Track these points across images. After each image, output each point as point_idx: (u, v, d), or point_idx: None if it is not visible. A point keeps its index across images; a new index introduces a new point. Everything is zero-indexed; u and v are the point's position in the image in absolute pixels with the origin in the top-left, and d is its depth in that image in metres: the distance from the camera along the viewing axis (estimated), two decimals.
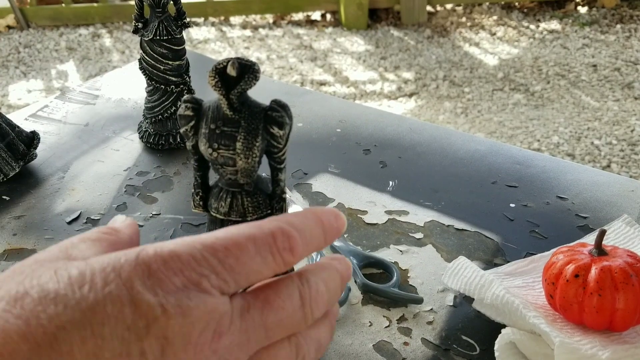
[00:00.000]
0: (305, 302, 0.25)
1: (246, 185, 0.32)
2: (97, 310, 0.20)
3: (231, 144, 0.30)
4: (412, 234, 0.56)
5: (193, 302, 0.22)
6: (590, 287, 0.40)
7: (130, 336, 0.21)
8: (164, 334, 0.21)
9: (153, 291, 0.21)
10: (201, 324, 0.22)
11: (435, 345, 0.45)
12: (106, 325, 0.20)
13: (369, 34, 2.97)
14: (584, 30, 2.93)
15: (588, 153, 2.01)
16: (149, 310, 0.21)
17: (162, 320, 0.21)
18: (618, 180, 0.64)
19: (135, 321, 0.21)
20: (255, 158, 0.31)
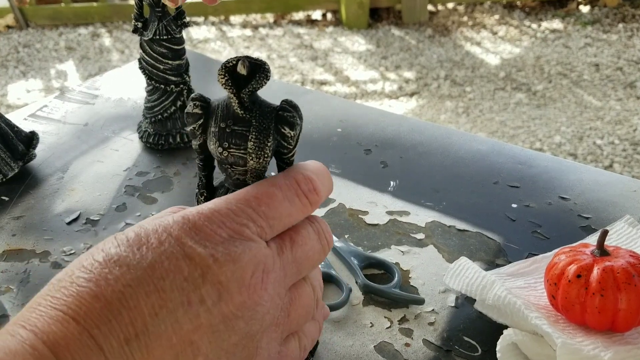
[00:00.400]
0: (320, 235, 0.30)
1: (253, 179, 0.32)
2: (156, 267, 0.23)
3: (242, 143, 0.30)
4: (414, 234, 0.56)
5: (239, 249, 0.25)
6: (593, 287, 0.40)
7: (189, 286, 0.23)
8: (218, 280, 0.24)
9: (202, 244, 0.24)
10: (251, 267, 0.25)
11: (436, 346, 0.44)
12: (166, 279, 0.23)
13: (370, 33, 2.97)
14: (586, 29, 2.93)
15: (590, 153, 2.01)
16: (201, 261, 0.24)
17: (214, 268, 0.24)
18: (621, 180, 0.63)
19: (191, 272, 0.23)
20: (267, 158, 0.31)
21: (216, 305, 0.24)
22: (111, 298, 0.22)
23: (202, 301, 0.23)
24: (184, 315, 0.23)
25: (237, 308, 0.24)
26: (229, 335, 0.24)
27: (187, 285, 0.23)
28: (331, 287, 0.50)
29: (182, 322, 0.23)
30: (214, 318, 0.24)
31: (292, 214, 0.28)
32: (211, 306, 0.23)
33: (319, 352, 0.44)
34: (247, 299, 0.24)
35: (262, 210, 0.26)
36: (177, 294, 0.23)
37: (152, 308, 0.23)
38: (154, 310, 0.22)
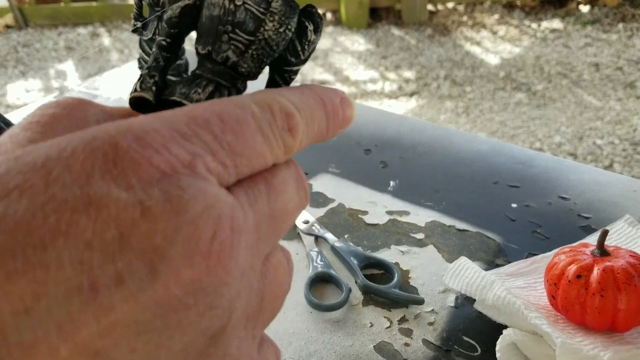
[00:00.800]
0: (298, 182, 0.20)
1: (242, 77, 0.23)
2: (32, 228, 0.13)
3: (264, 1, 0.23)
4: (413, 234, 0.56)
5: (188, 192, 0.15)
6: (593, 287, 0.40)
7: (94, 257, 0.13)
8: (151, 245, 0.14)
9: (124, 182, 0.14)
10: (210, 223, 0.15)
11: (436, 346, 0.44)
12: (49, 249, 0.13)
13: (370, 33, 2.97)
14: (585, 29, 2.93)
15: (590, 153, 2.01)
16: (119, 212, 0.14)
17: (143, 226, 0.14)
18: (620, 180, 0.63)
19: (100, 233, 0.14)
20: (288, 32, 0.23)
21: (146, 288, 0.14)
22: None
23: (119, 281, 0.13)
24: (83, 308, 0.13)
25: (186, 290, 0.14)
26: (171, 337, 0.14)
27: (90, 256, 0.13)
28: (331, 287, 0.50)
29: (79, 321, 0.13)
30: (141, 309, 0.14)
31: (265, 154, 0.18)
32: (136, 289, 0.13)
33: (319, 352, 0.44)
34: (204, 275, 0.14)
35: (227, 141, 0.16)
36: (72, 272, 0.13)
37: (18, 301, 0.13)
38: (23, 305, 0.13)
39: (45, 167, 0.14)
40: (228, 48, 0.22)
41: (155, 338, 0.14)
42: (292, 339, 0.45)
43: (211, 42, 0.22)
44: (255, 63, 0.23)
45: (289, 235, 0.56)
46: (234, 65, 0.22)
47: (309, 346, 0.44)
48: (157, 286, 0.14)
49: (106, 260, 0.14)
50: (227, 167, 0.16)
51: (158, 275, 0.14)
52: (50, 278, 0.13)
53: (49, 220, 0.14)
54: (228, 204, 0.16)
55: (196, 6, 0.23)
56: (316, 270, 0.50)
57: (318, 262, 0.51)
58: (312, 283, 0.49)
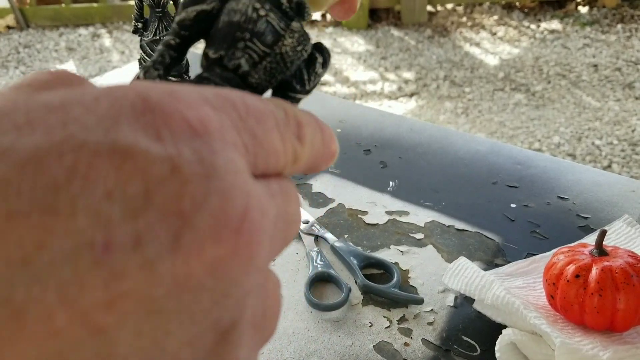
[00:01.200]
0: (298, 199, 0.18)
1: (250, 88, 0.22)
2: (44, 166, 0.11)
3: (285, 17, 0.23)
4: (413, 234, 0.56)
5: (221, 157, 0.13)
6: (591, 287, 0.40)
7: (113, 211, 0.11)
8: (178, 209, 0.12)
9: (154, 133, 0.12)
10: (242, 198, 0.13)
11: (435, 346, 0.45)
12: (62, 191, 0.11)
13: (370, 34, 2.97)
14: (584, 30, 2.93)
15: (589, 153, 2.01)
16: (147, 164, 0.12)
17: (171, 184, 0.12)
18: (619, 180, 0.64)
19: (123, 184, 0.11)
20: (305, 52, 0.23)
21: (165, 258, 0.12)
22: None
23: (137, 244, 0.11)
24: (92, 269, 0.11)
25: (207, 269, 0.12)
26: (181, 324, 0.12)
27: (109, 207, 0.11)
28: (331, 286, 0.50)
29: (85, 283, 0.11)
30: (156, 282, 0.12)
31: (279, 153, 0.16)
32: (155, 257, 0.11)
33: (319, 352, 0.44)
34: (230, 256, 0.12)
35: (250, 125, 0.15)
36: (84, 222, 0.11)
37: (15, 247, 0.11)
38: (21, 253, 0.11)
39: (63, 107, 0.12)
40: (242, 56, 0.22)
41: (164, 322, 0.12)
42: (291, 339, 0.45)
43: (225, 47, 0.22)
44: (266, 76, 0.22)
45: None
46: (245, 74, 0.22)
47: (309, 346, 0.44)
48: (177, 258, 0.12)
49: (126, 216, 0.11)
50: (248, 152, 0.15)
51: (180, 246, 0.12)
52: (58, 226, 0.11)
53: (65, 159, 0.11)
54: (255, 186, 0.14)
55: (212, 14, 0.22)
56: (316, 270, 0.51)
57: (318, 262, 0.52)
58: (312, 283, 0.50)
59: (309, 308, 0.48)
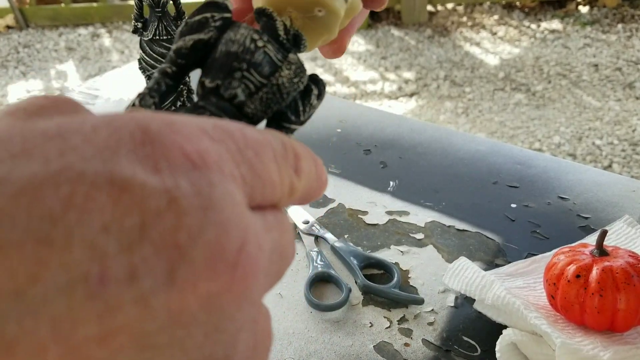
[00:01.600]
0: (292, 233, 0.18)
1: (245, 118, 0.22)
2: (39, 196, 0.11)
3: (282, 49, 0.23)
4: (413, 234, 0.56)
5: (218, 190, 0.13)
6: (592, 287, 0.40)
7: (109, 244, 0.11)
8: (174, 242, 0.12)
9: (152, 165, 0.12)
10: (238, 231, 0.13)
11: (436, 346, 0.44)
12: (58, 223, 0.11)
13: (370, 34, 2.97)
14: (585, 29, 2.93)
15: (589, 153, 2.01)
16: (144, 197, 0.12)
17: (168, 217, 0.12)
18: (619, 180, 0.63)
19: (120, 217, 0.11)
20: (300, 84, 0.24)
21: (160, 292, 0.11)
22: None
23: (132, 278, 0.11)
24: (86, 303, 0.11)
25: (202, 304, 0.12)
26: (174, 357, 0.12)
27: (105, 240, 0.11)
28: (331, 286, 0.50)
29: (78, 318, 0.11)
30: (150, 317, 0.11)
31: (276, 185, 0.16)
32: (149, 292, 0.11)
33: (319, 352, 0.44)
34: (225, 290, 0.12)
35: (248, 157, 0.15)
36: (79, 254, 0.11)
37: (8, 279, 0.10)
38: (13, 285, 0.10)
39: (61, 136, 0.12)
40: (238, 85, 0.22)
41: (157, 357, 0.12)
42: (292, 339, 0.45)
43: (222, 76, 0.22)
44: (262, 107, 0.22)
45: None
46: (241, 104, 0.22)
47: (309, 346, 0.44)
48: (172, 292, 0.12)
49: (122, 249, 0.11)
50: (245, 183, 0.14)
51: (175, 280, 0.12)
52: (53, 258, 0.11)
53: (62, 189, 0.11)
54: (252, 219, 0.14)
55: (209, 43, 0.22)
56: (316, 270, 0.51)
57: (318, 262, 0.52)
58: (312, 283, 0.50)
59: (309, 308, 0.48)
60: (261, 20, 0.24)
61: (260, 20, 0.24)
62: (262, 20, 0.24)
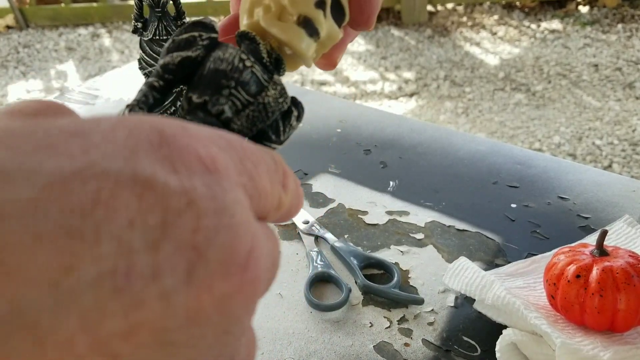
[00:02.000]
0: None
1: None
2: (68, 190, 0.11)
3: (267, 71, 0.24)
4: (413, 234, 0.56)
5: (229, 196, 0.13)
6: (592, 287, 0.40)
7: (135, 240, 0.11)
8: (192, 242, 0.12)
9: (170, 166, 0.13)
10: (248, 236, 0.13)
11: (436, 346, 0.44)
12: (88, 217, 0.11)
13: (370, 34, 2.97)
14: (585, 29, 2.93)
15: (589, 153, 2.01)
16: (165, 196, 0.12)
17: (187, 218, 0.12)
18: (619, 180, 0.63)
19: (144, 214, 0.12)
20: (285, 104, 0.24)
21: (180, 290, 0.12)
22: None
23: (156, 275, 0.11)
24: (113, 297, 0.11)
25: (215, 304, 0.12)
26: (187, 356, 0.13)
27: (130, 236, 0.11)
28: (331, 287, 0.50)
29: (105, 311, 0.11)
30: (171, 314, 0.12)
31: (268, 198, 0.16)
32: (171, 289, 0.12)
33: (319, 352, 0.44)
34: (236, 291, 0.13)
35: (248, 167, 0.15)
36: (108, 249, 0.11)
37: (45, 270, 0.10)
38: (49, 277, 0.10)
39: (82, 134, 0.12)
40: (226, 102, 0.22)
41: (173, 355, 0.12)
42: (292, 339, 0.45)
43: (210, 93, 0.22)
44: (247, 124, 0.23)
45: (289, 235, 0.56)
46: (227, 120, 0.22)
47: (309, 346, 0.44)
48: (190, 291, 0.12)
49: (147, 246, 0.11)
50: (246, 192, 0.15)
51: (193, 279, 0.12)
52: (84, 252, 0.11)
53: (89, 185, 0.11)
54: (256, 225, 0.14)
55: (196, 61, 0.23)
56: (316, 270, 0.51)
57: (318, 262, 0.52)
58: (312, 283, 0.50)
59: (309, 308, 0.48)
60: (243, 42, 0.25)
61: (243, 42, 0.25)
62: (244, 42, 0.25)
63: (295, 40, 0.25)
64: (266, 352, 0.44)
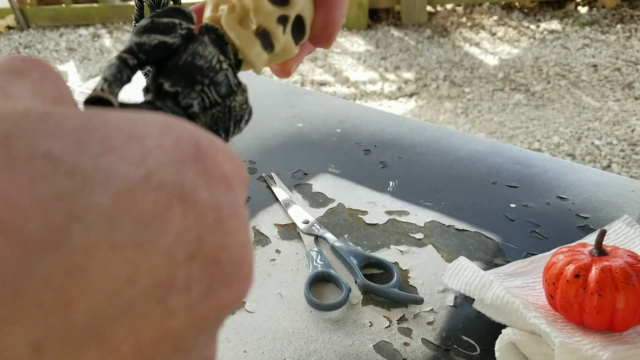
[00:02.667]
0: None
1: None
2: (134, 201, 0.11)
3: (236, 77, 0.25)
4: (413, 234, 0.56)
5: (244, 214, 0.14)
6: (591, 287, 0.40)
7: (179, 253, 0.12)
8: (217, 258, 0.13)
9: (206, 182, 0.13)
10: (252, 252, 0.14)
11: (435, 346, 0.45)
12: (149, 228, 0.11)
13: (369, 34, 2.97)
14: (584, 30, 2.93)
15: (588, 153, 2.01)
16: (203, 213, 0.13)
17: (216, 234, 0.13)
18: (618, 180, 0.64)
19: (187, 229, 0.12)
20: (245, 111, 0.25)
21: (201, 302, 0.13)
22: None
23: (188, 287, 0.12)
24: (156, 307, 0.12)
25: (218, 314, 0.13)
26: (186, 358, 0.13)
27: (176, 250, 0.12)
28: (330, 286, 0.50)
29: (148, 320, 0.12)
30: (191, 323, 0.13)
31: None
32: (195, 301, 0.12)
33: (319, 351, 0.44)
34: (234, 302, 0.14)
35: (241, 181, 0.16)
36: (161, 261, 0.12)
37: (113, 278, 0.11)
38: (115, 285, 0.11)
39: (137, 138, 0.12)
40: (196, 98, 0.23)
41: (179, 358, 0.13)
42: (291, 339, 0.45)
43: (183, 85, 0.23)
44: (210, 123, 0.24)
45: (289, 234, 0.56)
46: (194, 115, 0.23)
47: (309, 345, 0.45)
48: (208, 302, 0.13)
49: (186, 260, 0.12)
50: None
51: (212, 292, 0.13)
52: (144, 262, 0.11)
53: (149, 196, 0.12)
54: None
55: (172, 49, 0.23)
56: (316, 269, 0.51)
57: (318, 261, 0.52)
58: (312, 282, 0.50)
59: (309, 308, 0.48)
60: (209, 36, 0.25)
61: (209, 36, 0.25)
62: (210, 37, 0.25)
63: (248, 49, 0.26)
64: (266, 352, 0.44)
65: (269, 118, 0.77)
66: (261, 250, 0.54)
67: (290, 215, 0.58)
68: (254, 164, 0.67)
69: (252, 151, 0.70)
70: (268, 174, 0.65)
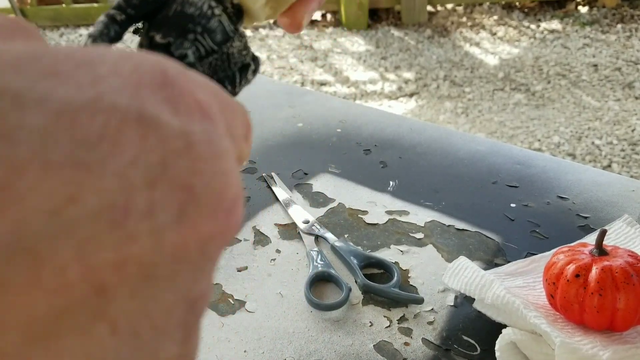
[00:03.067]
0: None
1: None
2: (77, 123, 0.11)
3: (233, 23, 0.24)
4: (413, 234, 0.56)
5: (223, 143, 0.14)
6: (591, 287, 0.40)
7: (136, 177, 0.12)
8: (187, 184, 0.12)
9: (172, 107, 0.13)
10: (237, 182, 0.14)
11: (436, 346, 0.45)
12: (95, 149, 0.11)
13: (370, 34, 2.98)
14: (584, 30, 2.93)
15: (589, 153, 2.01)
16: (167, 137, 0.12)
17: (185, 160, 0.12)
18: (619, 180, 0.64)
19: (146, 153, 0.12)
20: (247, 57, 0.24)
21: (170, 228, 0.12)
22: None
23: (150, 212, 0.12)
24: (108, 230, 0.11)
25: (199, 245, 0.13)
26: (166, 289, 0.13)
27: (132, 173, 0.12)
28: (331, 286, 0.50)
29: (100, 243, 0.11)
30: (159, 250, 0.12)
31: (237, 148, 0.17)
32: (162, 227, 0.12)
33: (319, 351, 0.44)
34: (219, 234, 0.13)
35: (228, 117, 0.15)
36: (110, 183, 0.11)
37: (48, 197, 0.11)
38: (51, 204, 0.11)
39: (89, 64, 0.12)
40: (190, 47, 0.22)
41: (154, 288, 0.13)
42: (292, 338, 0.45)
43: (175, 35, 0.22)
44: (209, 72, 0.23)
45: (289, 234, 0.56)
46: (190, 65, 0.22)
47: (309, 345, 0.45)
48: (180, 230, 0.12)
49: (145, 184, 0.12)
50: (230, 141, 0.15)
51: (184, 219, 0.12)
52: (88, 183, 0.11)
53: (97, 118, 0.11)
54: None
55: (162, 1, 0.22)
56: (316, 269, 0.51)
57: (318, 261, 0.52)
58: (312, 282, 0.50)
59: (309, 308, 0.48)
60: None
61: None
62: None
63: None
64: (266, 351, 0.44)
65: (269, 118, 0.77)
66: (261, 250, 0.54)
67: (291, 215, 0.58)
68: (254, 163, 0.67)
69: (252, 151, 0.70)
70: (268, 174, 0.65)
